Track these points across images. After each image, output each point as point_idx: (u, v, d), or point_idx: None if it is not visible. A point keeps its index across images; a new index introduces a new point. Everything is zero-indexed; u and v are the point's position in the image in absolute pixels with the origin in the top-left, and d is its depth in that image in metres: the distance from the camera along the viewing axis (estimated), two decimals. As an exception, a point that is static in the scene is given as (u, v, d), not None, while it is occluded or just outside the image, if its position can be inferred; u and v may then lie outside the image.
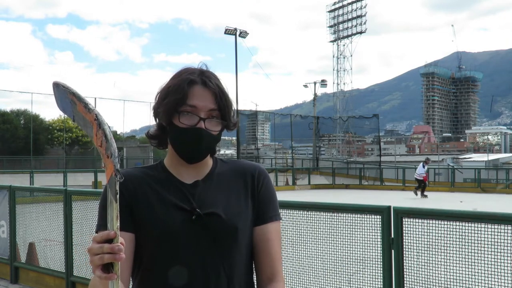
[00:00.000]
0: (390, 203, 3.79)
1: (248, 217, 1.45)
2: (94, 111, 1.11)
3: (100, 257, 1.07)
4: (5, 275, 7.03)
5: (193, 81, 1.40)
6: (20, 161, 33.82)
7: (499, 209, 4.20)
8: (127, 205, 1.40)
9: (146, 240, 1.39)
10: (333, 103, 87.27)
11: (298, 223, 4.13)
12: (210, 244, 1.39)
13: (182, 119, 1.39)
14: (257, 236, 1.46)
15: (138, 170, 1.49)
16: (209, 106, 1.39)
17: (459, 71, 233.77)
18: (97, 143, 1.11)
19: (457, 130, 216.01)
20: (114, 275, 1.08)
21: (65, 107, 1.17)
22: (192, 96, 1.39)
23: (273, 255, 1.46)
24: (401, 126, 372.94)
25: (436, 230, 3.42)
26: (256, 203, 1.48)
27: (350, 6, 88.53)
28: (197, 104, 1.39)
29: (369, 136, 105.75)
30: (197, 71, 1.43)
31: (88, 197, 6.20)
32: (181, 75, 1.42)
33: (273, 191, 1.53)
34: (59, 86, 1.16)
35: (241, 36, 33.37)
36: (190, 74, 1.42)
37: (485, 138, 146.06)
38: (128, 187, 1.42)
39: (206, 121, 1.39)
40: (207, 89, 1.40)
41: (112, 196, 1.10)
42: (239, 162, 1.56)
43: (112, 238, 1.08)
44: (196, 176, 1.47)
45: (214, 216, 1.40)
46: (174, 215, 1.39)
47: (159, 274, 1.39)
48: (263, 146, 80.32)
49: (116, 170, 1.09)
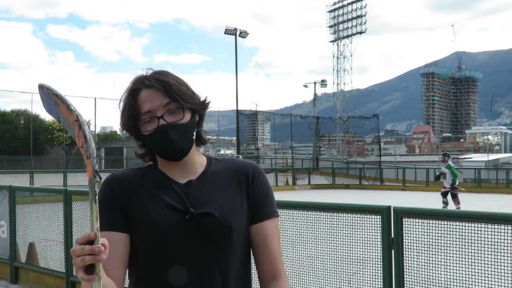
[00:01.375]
0: (390, 203, 3.79)
1: (243, 216, 1.44)
2: (75, 112, 1.12)
3: (81, 259, 1.08)
4: (5, 275, 7.02)
5: (136, 90, 1.41)
6: (20, 161, 33.81)
7: (499, 209, 4.20)
8: (121, 205, 1.40)
9: (141, 240, 1.39)
10: (333, 103, 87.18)
11: (298, 223, 4.12)
12: (205, 243, 1.39)
13: (144, 129, 1.41)
14: (255, 234, 1.46)
15: (132, 171, 1.50)
16: (161, 102, 1.39)
17: (459, 71, 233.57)
18: (79, 144, 1.12)
19: (457, 130, 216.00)
20: (96, 277, 1.09)
21: (51, 108, 1.19)
22: (142, 103, 1.40)
23: (273, 252, 1.46)
24: (401, 126, 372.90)
25: (436, 230, 3.42)
26: (251, 201, 1.47)
27: (350, 6, 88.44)
28: (149, 108, 1.39)
29: (369, 136, 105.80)
30: (139, 78, 1.43)
31: (88, 197, 6.16)
32: (126, 89, 1.43)
33: (268, 187, 1.52)
34: (44, 88, 1.17)
35: (241, 36, 33.38)
36: (132, 84, 1.43)
37: (485, 138, 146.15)
38: (122, 187, 1.43)
39: (165, 116, 1.39)
40: (151, 89, 1.39)
41: (91, 197, 1.10)
42: (233, 160, 1.56)
43: (93, 240, 1.08)
44: (189, 175, 1.46)
45: (208, 216, 1.39)
46: (168, 215, 1.39)
47: (153, 274, 1.39)
48: (263, 146, 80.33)
49: (95, 171, 1.10)
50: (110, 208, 1.39)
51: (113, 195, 1.41)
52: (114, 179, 1.45)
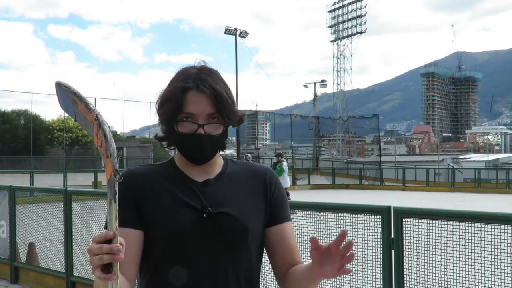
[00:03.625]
0: (390, 203, 3.79)
1: (260, 219, 1.45)
2: (94, 111, 1.11)
3: (99, 258, 1.07)
4: (5, 275, 7.03)
5: (187, 88, 1.38)
6: (20, 161, 33.80)
7: (499, 209, 4.20)
8: (135, 202, 1.39)
9: (155, 238, 1.38)
10: (333, 103, 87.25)
11: (298, 223, 4.13)
12: (220, 243, 1.38)
13: (180, 128, 1.39)
14: (273, 235, 1.47)
15: (148, 167, 1.49)
16: (206, 111, 1.38)
17: (459, 71, 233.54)
18: (98, 143, 1.11)
19: (457, 130, 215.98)
20: (113, 276, 1.08)
21: (67, 106, 1.18)
22: (188, 104, 1.37)
23: (292, 249, 1.48)
24: (401, 126, 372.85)
25: (436, 230, 3.42)
26: (269, 205, 1.48)
27: (350, 6, 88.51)
28: (193, 111, 1.37)
29: (369, 136, 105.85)
30: (192, 75, 1.40)
31: (88, 197, 6.19)
32: (177, 81, 1.41)
33: (284, 193, 1.55)
34: (61, 86, 1.17)
35: (241, 36, 33.34)
36: (184, 81, 1.39)
37: (485, 138, 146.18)
38: (137, 183, 1.41)
39: (205, 126, 1.38)
40: (203, 94, 1.37)
41: (111, 196, 1.10)
42: (250, 163, 1.57)
43: (111, 239, 1.08)
44: (207, 175, 1.46)
45: (225, 216, 1.39)
46: (184, 213, 1.38)
47: (167, 272, 1.38)
48: (263, 146, 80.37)
49: (115, 170, 1.09)
50: (124, 204, 1.35)
51: (127, 191, 1.39)
52: (129, 174, 1.43)
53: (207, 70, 1.43)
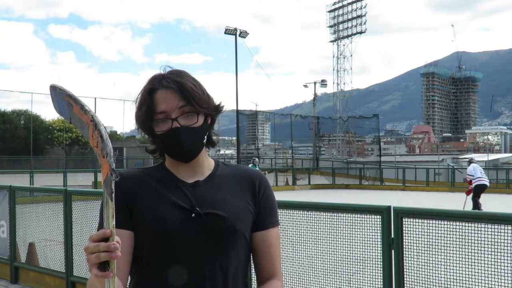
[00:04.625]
0: (390, 203, 3.79)
1: (247, 221, 1.47)
2: (90, 112, 1.13)
3: (96, 256, 1.08)
4: (5, 275, 7.02)
5: (153, 89, 1.42)
6: (20, 161, 33.82)
7: (499, 209, 4.19)
8: (126, 203, 1.41)
9: (145, 238, 1.40)
10: (333, 103, 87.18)
11: (298, 223, 4.12)
12: (208, 243, 1.40)
13: (157, 128, 1.42)
14: (259, 241, 1.49)
15: (138, 171, 1.51)
16: (176, 104, 1.40)
17: (459, 71, 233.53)
18: (93, 144, 1.13)
19: (457, 130, 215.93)
20: (110, 273, 1.09)
21: (62, 109, 1.19)
22: (158, 103, 1.41)
23: (274, 258, 1.50)
24: (401, 126, 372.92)
25: (436, 230, 3.42)
26: (257, 209, 1.50)
27: (350, 6, 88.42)
28: (164, 108, 1.40)
29: (369, 136, 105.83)
30: (158, 77, 1.44)
31: (88, 197, 6.20)
32: (144, 88, 1.45)
33: (274, 198, 1.56)
34: (56, 89, 1.18)
35: (241, 36, 33.33)
36: (150, 83, 1.44)
37: (485, 138, 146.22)
38: (127, 186, 1.44)
39: (179, 118, 1.40)
40: (169, 90, 1.41)
41: (107, 195, 1.11)
42: (241, 167, 1.59)
43: (108, 237, 1.09)
44: (196, 176, 1.48)
45: (213, 216, 1.41)
46: (173, 214, 1.40)
47: (156, 272, 1.40)
48: (263, 146, 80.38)
49: (112, 169, 1.11)
50: (116, 205, 1.39)
51: (118, 193, 1.41)
52: (120, 177, 1.45)
53: (172, 71, 1.47)
